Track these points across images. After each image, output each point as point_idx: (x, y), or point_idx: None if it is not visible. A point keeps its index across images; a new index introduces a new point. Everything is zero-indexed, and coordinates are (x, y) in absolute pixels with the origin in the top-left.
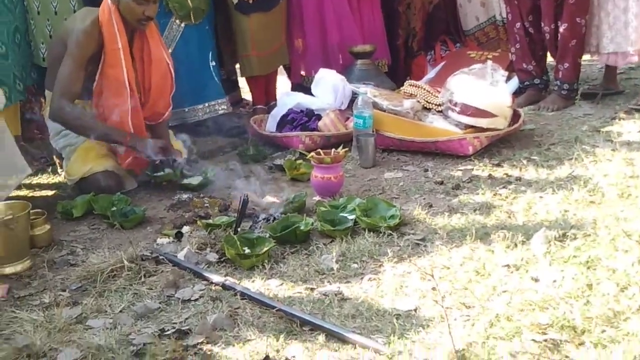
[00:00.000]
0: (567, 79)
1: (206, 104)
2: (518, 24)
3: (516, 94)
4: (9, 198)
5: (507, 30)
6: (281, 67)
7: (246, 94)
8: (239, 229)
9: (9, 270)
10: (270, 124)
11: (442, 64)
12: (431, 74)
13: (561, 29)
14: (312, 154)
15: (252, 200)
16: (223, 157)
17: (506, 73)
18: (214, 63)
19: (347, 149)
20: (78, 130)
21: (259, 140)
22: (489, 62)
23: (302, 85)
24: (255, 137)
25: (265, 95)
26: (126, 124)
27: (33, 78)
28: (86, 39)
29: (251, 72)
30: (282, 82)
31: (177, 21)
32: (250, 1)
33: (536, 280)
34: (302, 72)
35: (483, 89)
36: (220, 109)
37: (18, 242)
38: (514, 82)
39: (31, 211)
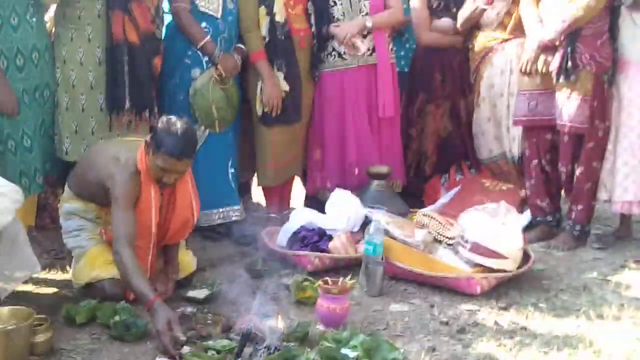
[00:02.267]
0: (580, 221)
1: (220, 210)
2: (535, 161)
3: (527, 228)
4: (13, 293)
5: (524, 166)
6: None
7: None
8: None
9: None
10: (282, 238)
11: (457, 189)
12: (445, 198)
13: (577, 172)
14: (320, 282)
15: (254, 325)
16: (231, 268)
17: (519, 215)
18: (232, 170)
19: (354, 280)
20: (122, 276)
21: (268, 254)
22: (503, 203)
23: (316, 198)
24: (266, 250)
25: (280, 202)
26: (144, 264)
27: (52, 170)
28: (132, 186)
29: (267, 183)
30: (298, 189)
31: (202, 128)
32: (274, 114)
33: None
34: (318, 184)
35: (495, 229)
36: (234, 215)
37: (17, 351)
38: (526, 216)
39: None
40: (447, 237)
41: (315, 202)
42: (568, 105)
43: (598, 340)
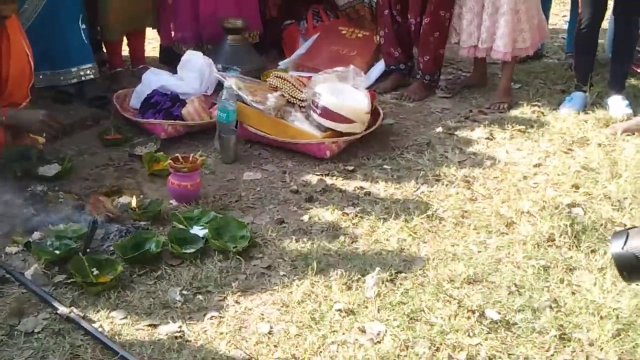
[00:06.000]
0: (428, 71)
1: (75, 69)
2: (386, 11)
3: (382, 76)
4: None
5: (377, 15)
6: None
7: None
8: (87, 250)
9: None
10: (134, 101)
11: (314, 37)
12: (302, 49)
13: (424, 22)
14: (170, 160)
15: (103, 204)
16: (83, 135)
17: (366, 78)
18: (84, 26)
19: (204, 157)
20: None
21: (121, 119)
22: (352, 67)
23: (172, 50)
24: (118, 116)
25: (133, 59)
26: None
27: None
28: None
29: (111, 38)
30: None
31: None
32: None
33: (363, 331)
34: (172, 36)
35: (344, 94)
36: (90, 73)
37: None
38: (380, 65)
39: None
40: (299, 100)
41: (172, 54)
42: None
43: (432, 204)
